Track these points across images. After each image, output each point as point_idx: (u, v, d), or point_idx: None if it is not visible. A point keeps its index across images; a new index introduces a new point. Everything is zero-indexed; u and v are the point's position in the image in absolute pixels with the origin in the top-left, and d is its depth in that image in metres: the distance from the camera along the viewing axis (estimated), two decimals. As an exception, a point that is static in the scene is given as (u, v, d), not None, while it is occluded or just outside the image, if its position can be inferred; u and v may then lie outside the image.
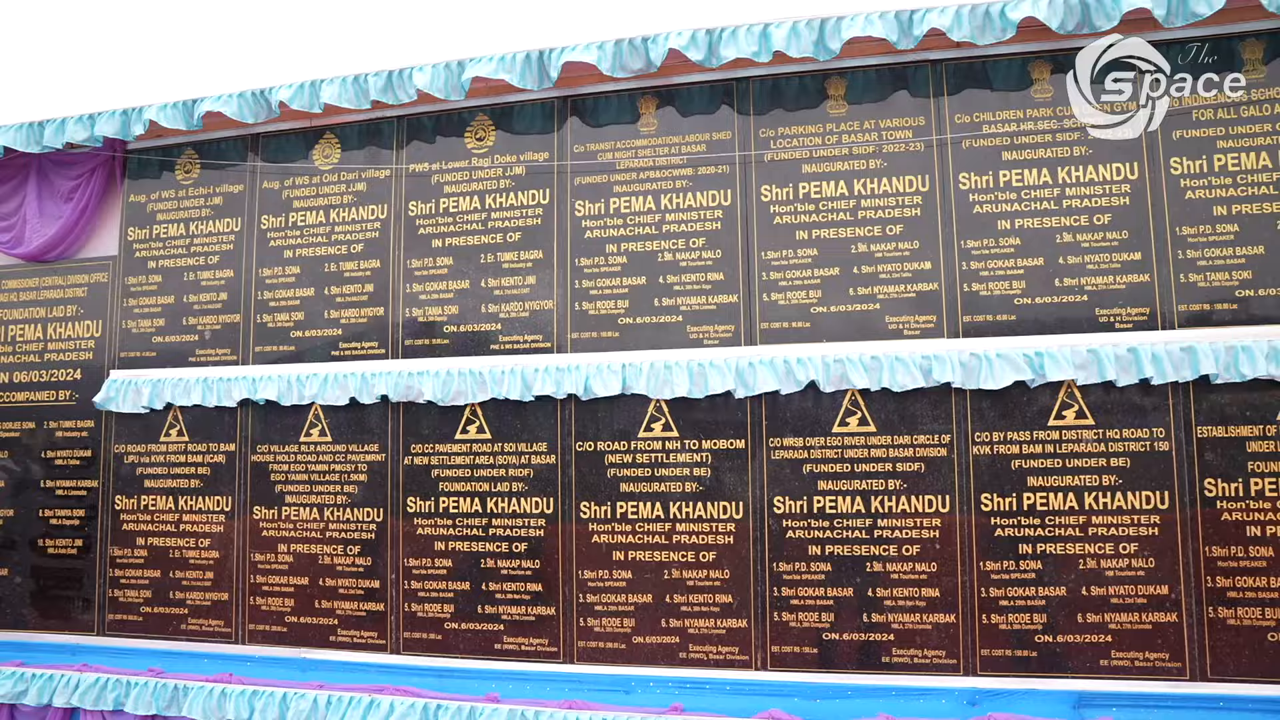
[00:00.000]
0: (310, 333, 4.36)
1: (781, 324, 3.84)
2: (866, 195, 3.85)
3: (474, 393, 4.00)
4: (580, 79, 4.11)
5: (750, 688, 3.69)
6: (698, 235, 3.97)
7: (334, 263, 4.37)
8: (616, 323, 3.98)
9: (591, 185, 4.09)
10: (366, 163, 4.40)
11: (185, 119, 4.42)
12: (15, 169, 4.97)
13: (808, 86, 3.97)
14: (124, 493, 4.62)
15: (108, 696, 4.28)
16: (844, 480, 3.74)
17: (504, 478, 4.02)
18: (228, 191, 4.63)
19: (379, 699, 3.89)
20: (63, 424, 4.80)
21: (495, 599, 3.99)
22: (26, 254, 4.92)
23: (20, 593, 4.76)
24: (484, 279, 4.15)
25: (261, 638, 4.31)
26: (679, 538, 3.84)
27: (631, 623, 3.85)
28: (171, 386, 4.49)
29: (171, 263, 4.68)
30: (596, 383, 3.87)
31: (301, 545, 4.27)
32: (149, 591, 4.52)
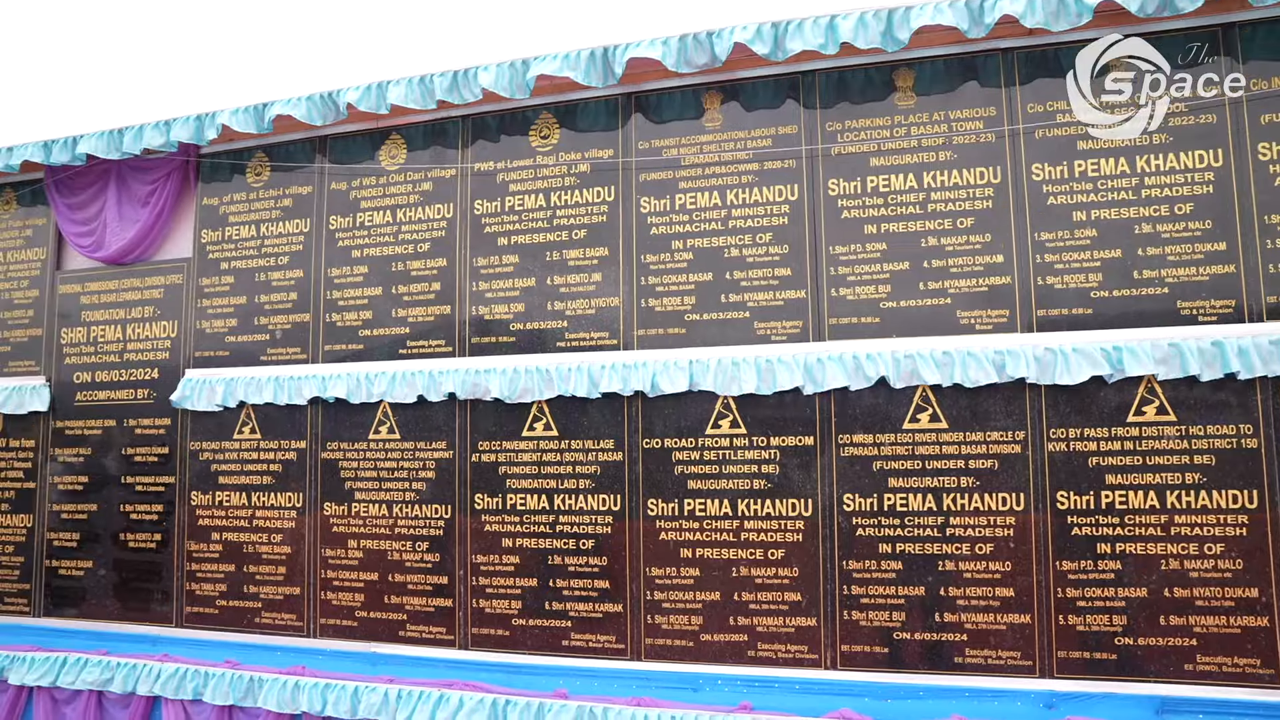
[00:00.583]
0: (378, 331, 4.46)
1: (850, 319, 3.83)
2: (936, 188, 3.82)
3: (540, 390, 4.05)
4: (644, 75, 4.14)
5: (819, 687, 3.69)
6: (764, 230, 3.97)
7: (401, 262, 4.47)
8: (683, 319, 4.00)
9: (656, 181, 4.12)
10: (432, 162, 4.48)
11: (256, 122, 4.56)
12: (96, 175, 5.18)
13: (874, 78, 3.95)
14: (199, 489, 4.78)
15: (187, 686, 4.44)
16: (915, 477, 3.72)
17: (571, 475, 4.08)
18: (297, 193, 4.76)
19: (448, 694, 3.97)
20: (141, 422, 4.98)
21: (563, 596, 4.04)
22: (107, 257, 5.11)
23: (104, 585, 4.96)
24: (549, 276, 4.20)
25: (332, 632, 4.42)
26: (747, 535, 3.85)
27: (699, 620, 3.87)
28: (244, 385, 4.63)
29: (243, 264, 4.82)
30: (663, 380, 3.90)
31: (371, 541, 4.37)
32: (224, 585, 4.67)
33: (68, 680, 4.68)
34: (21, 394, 5.21)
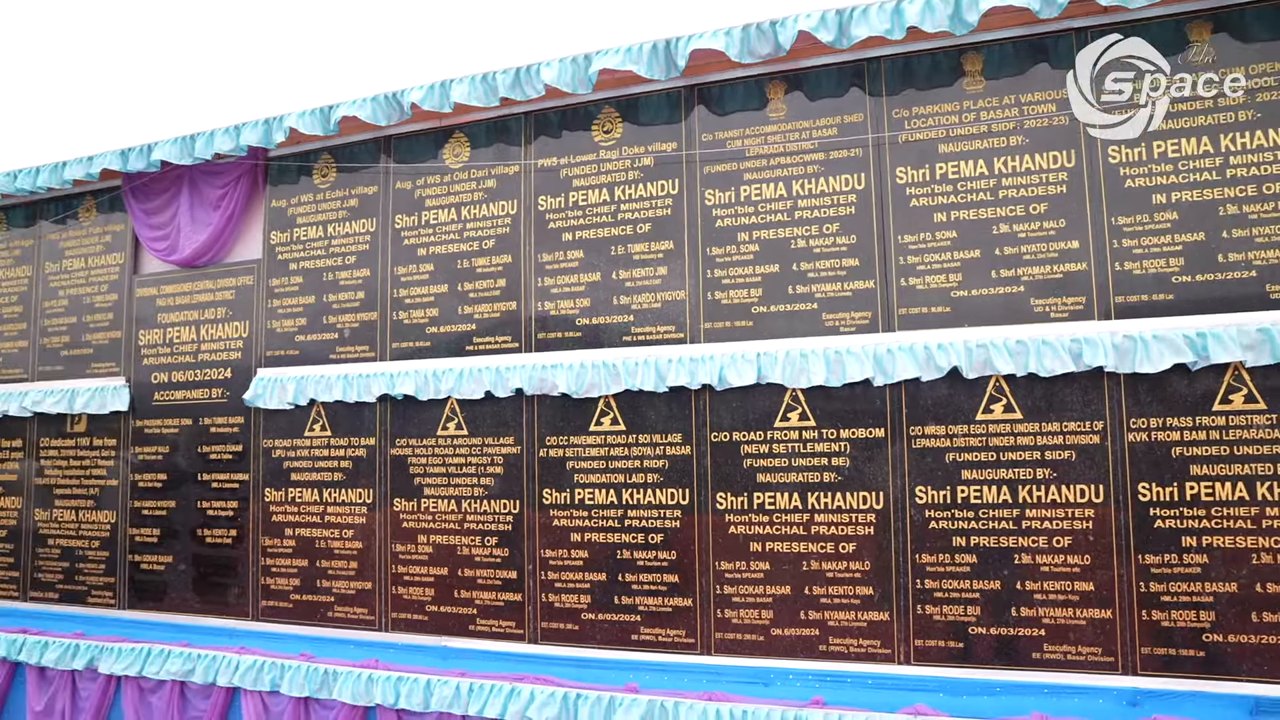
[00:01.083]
0: (445, 328, 4.54)
1: (920, 309, 3.80)
2: (1007, 174, 3.76)
3: (607, 385, 4.09)
4: (706, 66, 4.14)
5: (893, 682, 3.67)
6: (831, 220, 3.95)
7: (466, 259, 4.54)
8: (750, 311, 4.00)
9: (721, 173, 4.13)
10: (495, 159, 4.54)
11: (322, 124, 4.67)
12: (169, 181, 5.35)
13: (941, 64, 3.90)
14: (273, 485, 4.91)
15: (264, 678, 4.57)
16: (989, 469, 3.67)
17: (639, 469, 4.10)
18: (362, 193, 4.86)
19: (519, 687, 4.03)
20: (216, 420, 5.14)
21: (632, 590, 4.08)
22: (180, 260, 5.28)
23: (184, 579, 5.13)
24: (615, 271, 4.24)
25: (403, 626, 4.51)
26: (817, 528, 3.84)
27: (770, 614, 3.87)
28: (314, 383, 4.75)
29: (311, 264, 4.94)
30: (731, 372, 3.90)
31: (440, 536, 4.45)
32: (297, 580, 4.80)
33: (152, 670, 4.86)
34: (103, 394, 5.41)
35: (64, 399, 5.55)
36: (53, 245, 5.87)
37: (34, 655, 5.23)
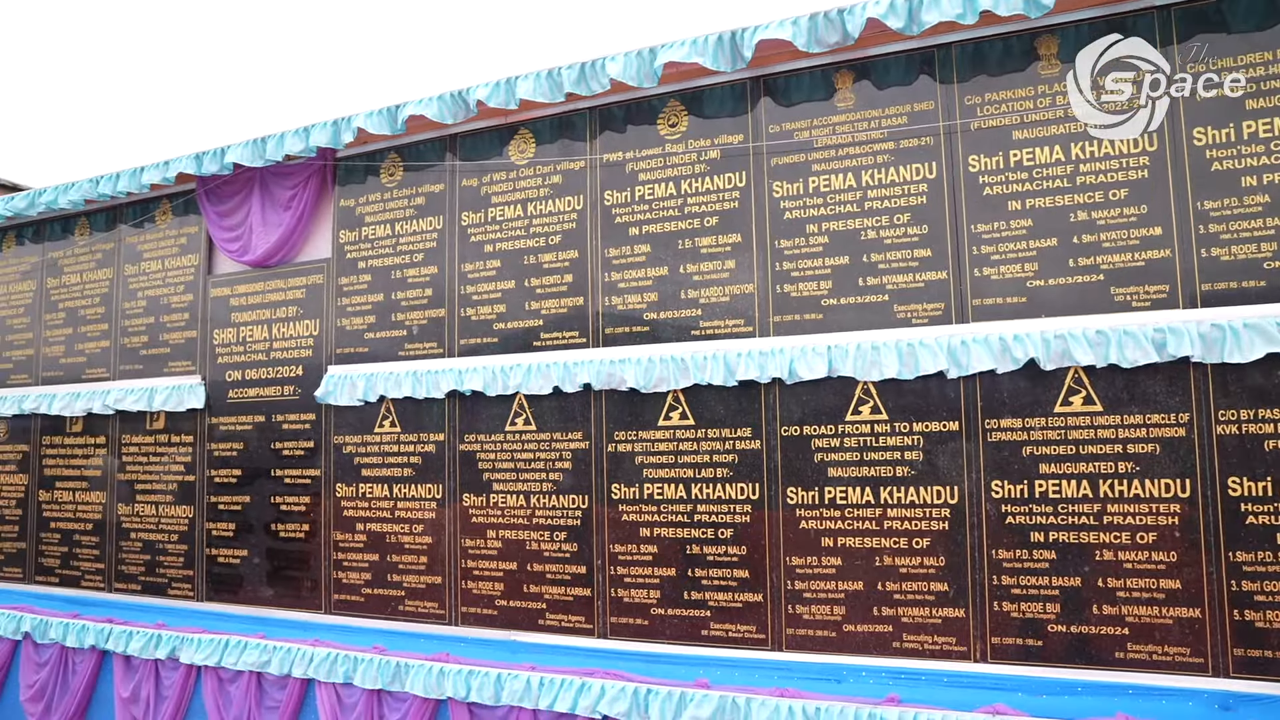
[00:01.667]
0: (512, 324, 4.59)
1: (995, 300, 3.74)
2: (1085, 159, 3.68)
3: (676, 379, 4.10)
4: (772, 57, 4.13)
5: (969, 680, 3.62)
6: (902, 211, 3.91)
7: (533, 255, 4.59)
8: (820, 304, 3.98)
9: (788, 165, 4.11)
10: (561, 155, 4.58)
11: (390, 124, 4.75)
12: (242, 183, 5.50)
13: (1013, 48, 3.83)
14: (344, 481, 5.02)
15: (338, 670, 4.68)
16: (1068, 463, 3.60)
17: (708, 463, 4.11)
18: (429, 191, 4.94)
19: (590, 682, 4.06)
20: (288, 417, 5.27)
21: (701, 585, 4.09)
22: (253, 260, 5.43)
23: (259, 572, 5.27)
24: (682, 265, 4.25)
25: (473, 620, 4.58)
26: (890, 523, 3.81)
27: (842, 610, 3.85)
28: (384, 380, 4.84)
29: (380, 262, 5.04)
30: (801, 366, 3.89)
31: (509, 531, 4.51)
32: (369, 574, 4.90)
33: (230, 661, 5.01)
34: (180, 392, 5.59)
35: (143, 397, 5.74)
36: (131, 248, 6.08)
37: (120, 644, 5.43)
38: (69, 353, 6.29)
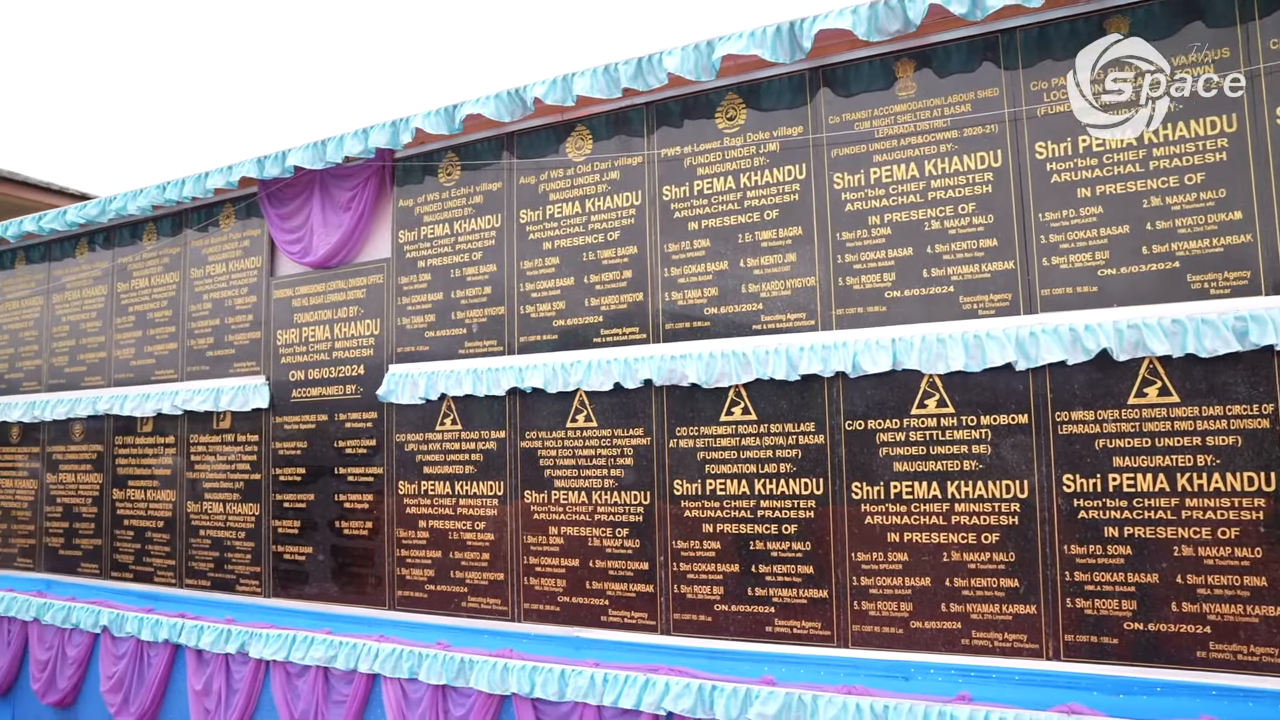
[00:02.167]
0: (572, 321, 4.62)
1: (1065, 289, 3.67)
2: (1159, 144, 3.59)
3: (738, 374, 4.09)
4: (831, 47, 4.10)
5: (1042, 678, 3.56)
6: (967, 200, 3.86)
7: (592, 251, 4.61)
8: (883, 296, 3.94)
9: (849, 156, 4.08)
10: (618, 151, 4.60)
11: (447, 123, 4.81)
12: (302, 186, 5.61)
13: (1080, 31, 3.75)
14: (406, 478, 5.10)
15: (403, 666, 4.76)
16: (1143, 456, 3.52)
17: (771, 459, 4.10)
18: (487, 190, 4.99)
19: (654, 678, 4.07)
20: (350, 415, 5.37)
21: (765, 581, 4.08)
22: (314, 261, 5.53)
23: (324, 569, 5.38)
24: (742, 259, 4.23)
25: (536, 616, 4.62)
26: (958, 518, 3.76)
27: (909, 607, 3.81)
28: (444, 378, 4.91)
29: (439, 261, 5.11)
30: (865, 359, 3.86)
31: (571, 528, 4.54)
32: (432, 571, 4.97)
33: (298, 656, 5.12)
34: (245, 392, 5.72)
35: (210, 397, 5.89)
36: (197, 252, 6.24)
37: (192, 639, 5.59)
38: (139, 355, 6.48)
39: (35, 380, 7.15)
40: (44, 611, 6.46)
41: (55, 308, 7.12)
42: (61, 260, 7.16)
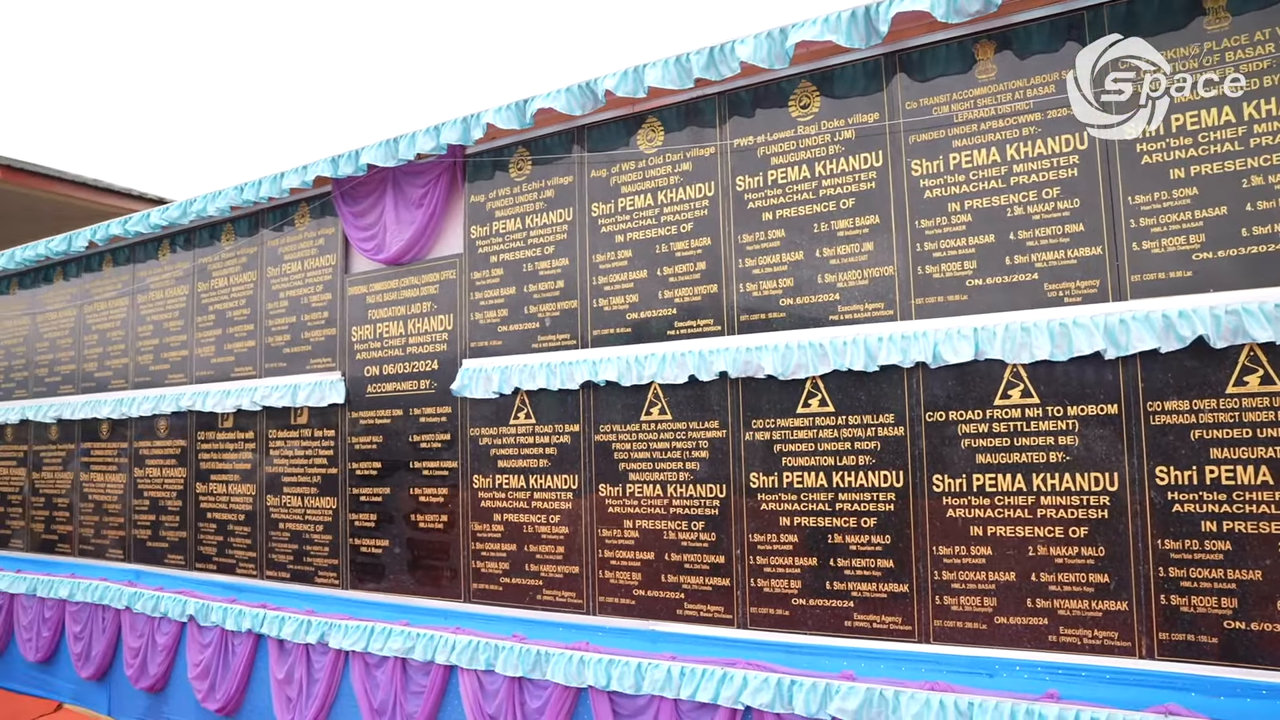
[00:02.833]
0: (645, 314, 4.63)
1: (1156, 275, 3.56)
2: (1260, 119, 3.46)
3: (815, 365, 4.06)
4: (907, 31, 4.04)
5: (1134, 677, 3.47)
6: (1051, 185, 3.76)
7: (665, 243, 4.62)
8: (964, 285, 3.87)
9: (927, 142, 4.01)
10: (690, 142, 4.59)
11: (518, 118, 4.86)
12: (375, 183, 5.72)
13: (1172, 4, 3.63)
14: (480, 472, 5.17)
15: (480, 657, 4.83)
16: (1243, 447, 3.40)
17: (849, 450, 4.06)
18: (558, 184, 5.03)
19: (732, 672, 4.07)
20: (425, 410, 5.46)
21: (844, 575, 4.04)
22: (387, 258, 5.64)
23: (400, 562, 5.49)
24: (818, 249, 4.20)
25: (611, 609, 4.65)
26: (1044, 511, 3.68)
27: (993, 602, 3.75)
28: (518, 372, 4.96)
29: (511, 256, 5.16)
30: (946, 349, 3.79)
31: (646, 521, 4.56)
32: (506, 564, 5.03)
33: (376, 647, 5.23)
34: (322, 388, 5.86)
35: (287, 393, 6.04)
36: (273, 251, 6.41)
37: (274, 629, 5.75)
38: (219, 353, 6.68)
39: (122, 378, 7.43)
40: (135, 601, 6.72)
41: (140, 308, 7.38)
42: (145, 262, 7.41)
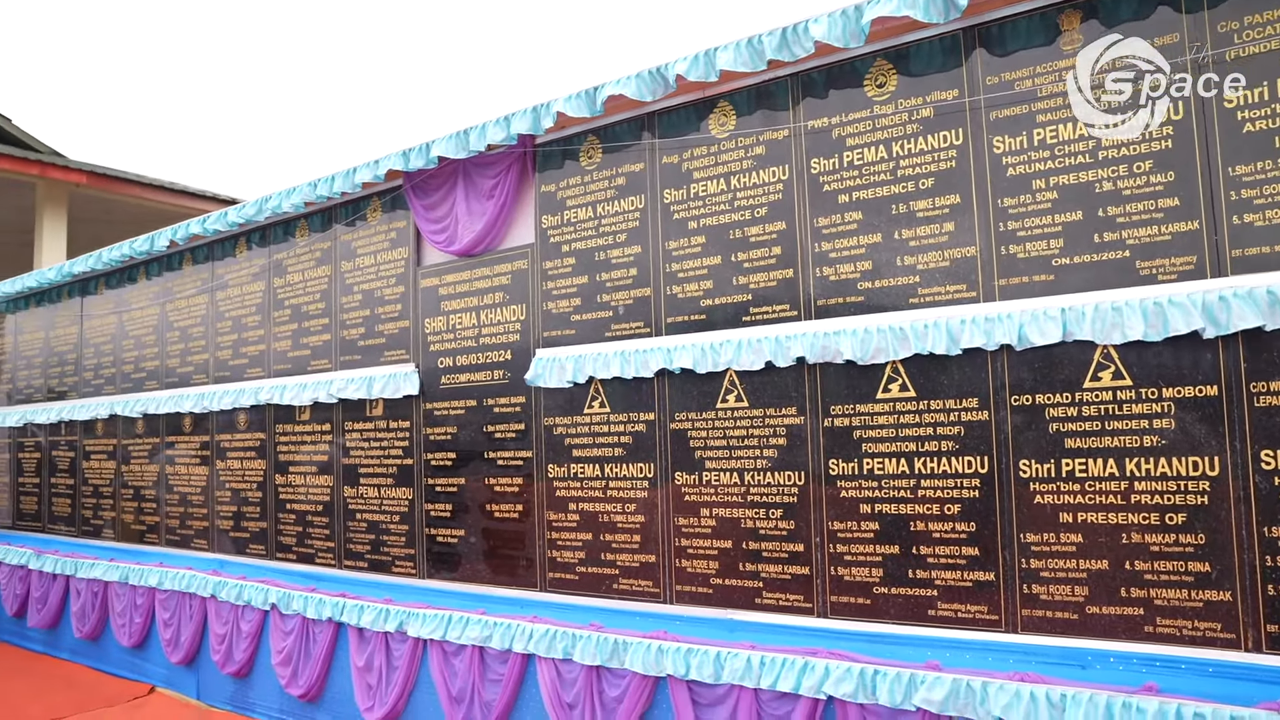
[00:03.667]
0: (720, 300, 4.63)
1: (1260, 249, 3.43)
2: (1368, 84, 3.31)
3: (895, 349, 4.01)
4: (986, 4, 3.96)
5: (1239, 671, 3.36)
6: (1143, 158, 3.65)
7: (739, 229, 4.60)
8: (1050, 264, 3.78)
9: (1009, 118, 3.92)
10: (763, 125, 4.56)
11: (589, 106, 4.88)
12: (446, 176, 5.81)
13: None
14: (555, 461, 5.23)
15: (557, 646, 4.89)
16: (1356, 430, 3.27)
17: (931, 436, 4.00)
18: (629, 171, 5.05)
19: (813, 662, 4.05)
20: (499, 400, 5.54)
21: (927, 563, 3.99)
22: (459, 250, 5.72)
23: (476, 551, 5.58)
24: (897, 230, 4.14)
25: (688, 598, 4.67)
26: (1138, 497, 3.59)
27: (1084, 591, 3.66)
28: (592, 361, 4.99)
29: (583, 244, 5.20)
30: (1032, 330, 3.71)
31: (723, 509, 4.56)
32: (582, 553, 5.08)
33: (454, 635, 5.33)
34: (396, 380, 5.98)
35: (363, 385, 6.18)
36: (346, 245, 6.55)
37: (353, 617, 5.90)
38: (295, 347, 6.86)
39: (203, 373, 7.67)
40: (219, 589, 6.96)
41: (219, 304, 7.61)
42: (223, 259, 7.64)
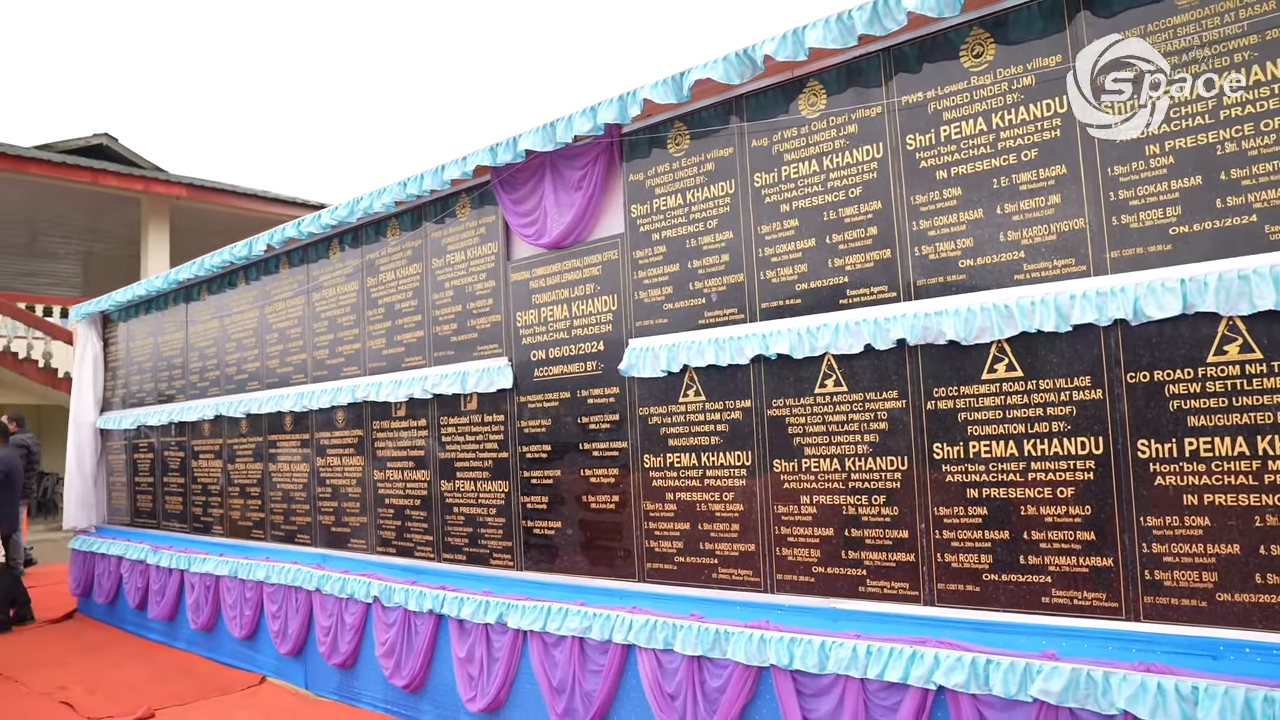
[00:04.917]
0: (815, 283, 4.59)
1: (1399, 209, 3.25)
2: None
3: (1000, 328, 3.92)
4: (1091, -36, 3.83)
5: (1386, 658, 3.20)
6: (1270, 115, 3.48)
7: (832, 210, 4.56)
8: (1166, 233, 3.64)
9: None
10: (855, 103, 4.51)
11: (675, 91, 4.89)
12: (533, 169, 5.89)
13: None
14: (651, 451, 5.26)
15: (658, 636, 4.92)
16: None
17: (1041, 417, 3.90)
18: (718, 156, 5.04)
19: (922, 651, 4.00)
20: (592, 391, 5.60)
21: (1039, 549, 3.90)
22: (549, 243, 5.80)
23: (572, 542, 5.66)
24: (999, 205, 4.04)
25: (789, 588, 4.65)
26: (1271, 478, 3.42)
27: (1213, 577, 3.52)
28: (685, 349, 5.01)
29: (673, 232, 5.21)
30: (1148, 304, 3.58)
31: (824, 496, 4.53)
32: (680, 543, 5.11)
33: (553, 627, 5.42)
34: (490, 374, 6.10)
35: (457, 380, 6.32)
36: (436, 242, 6.70)
37: (453, 609, 6.05)
38: (389, 344, 7.05)
39: (302, 373, 7.95)
40: (323, 583, 7.21)
41: (315, 305, 7.87)
42: (317, 261, 7.90)
